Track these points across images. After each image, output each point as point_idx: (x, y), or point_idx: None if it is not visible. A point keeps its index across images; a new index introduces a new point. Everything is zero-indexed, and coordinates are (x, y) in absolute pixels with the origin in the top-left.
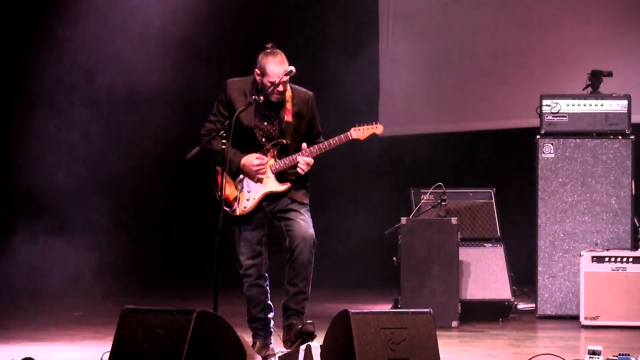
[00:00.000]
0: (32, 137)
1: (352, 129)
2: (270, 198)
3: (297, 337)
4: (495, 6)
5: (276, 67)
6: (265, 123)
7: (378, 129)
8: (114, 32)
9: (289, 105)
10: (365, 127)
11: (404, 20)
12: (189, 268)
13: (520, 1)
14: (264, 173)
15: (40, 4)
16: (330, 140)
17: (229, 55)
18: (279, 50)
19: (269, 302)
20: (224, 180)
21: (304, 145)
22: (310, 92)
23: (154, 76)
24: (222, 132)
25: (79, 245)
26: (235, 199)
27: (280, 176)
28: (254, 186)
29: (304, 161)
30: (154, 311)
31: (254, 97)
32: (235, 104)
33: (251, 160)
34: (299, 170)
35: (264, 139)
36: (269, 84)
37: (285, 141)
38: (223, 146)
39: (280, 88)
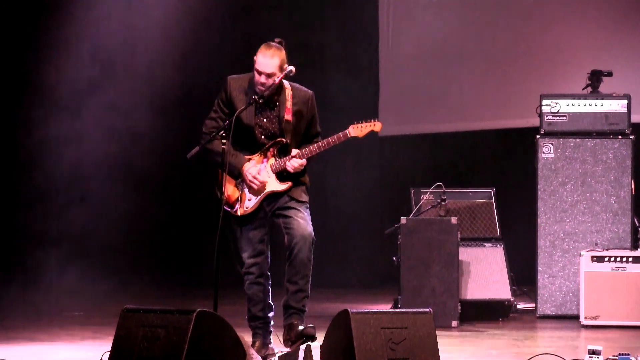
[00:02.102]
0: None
1: (350, 127)
2: (270, 197)
3: (297, 338)
4: (496, 6)
5: (264, 58)
6: (265, 121)
7: (376, 126)
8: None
9: (289, 104)
10: (364, 124)
11: (404, 20)
12: (189, 268)
13: (520, 1)
14: (256, 186)
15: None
16: (329, 138)
17: (229, 55)
18: (276, 45)
19: (270, 301)
20: (224, 180)
21: (294, 151)
22: (310, 91)
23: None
24: (222, 132)
25: (76, 242)
26: (237, 199)
27: (280, 175)
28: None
29: (298, 163)
30: (154, 311)
31: (254, 97)
32: (235, 102)
33: (249, 169)
34: (288, 168)
35: (263, 137)
36: (256, 73)
37: (284, 140)
38: (223, 146)
39: (262, 79)
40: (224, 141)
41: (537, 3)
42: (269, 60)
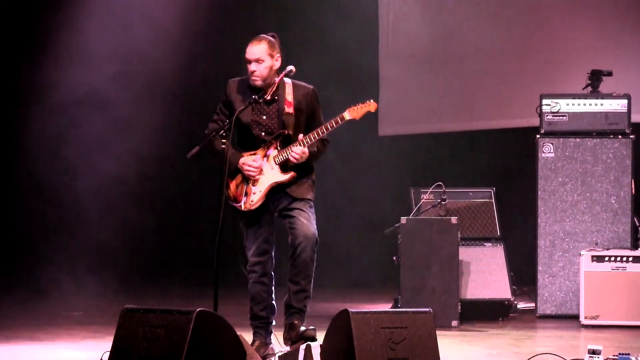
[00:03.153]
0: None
1: (346, 110)
2: (275, 195)
3: (298, 339)
4: (496, 6)
5: (250, 47)
6: (265, 117)
7: (371, 106)
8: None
9: (290, 97)
10: (359, 106)
11: (404, 20)
12: (189, 267)
13: (521, 1)
14: (254, 173)
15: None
16: (326, 124)
17: (231, 52)
18: (263, 36)
19: (273, 302)
20: (225, 179)
21: (300, 136)
22: (311, 86)
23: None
24: (221, 131)
25: (77, 242)
26: (244, 193)
27: (284, 167)
28: (259, 179)
29: (300, 150)
30: (154, 311)
31: (253, 96)
32: (234, 103)
33: (244, 160)
34: (291, 158)
35: (263, 134)
36: (248, 66)
37: (286, 132)
38: (223, 146)
39: (252, 67)
40: (223, 141)
41: (537, 3)
42: (255, 47)
